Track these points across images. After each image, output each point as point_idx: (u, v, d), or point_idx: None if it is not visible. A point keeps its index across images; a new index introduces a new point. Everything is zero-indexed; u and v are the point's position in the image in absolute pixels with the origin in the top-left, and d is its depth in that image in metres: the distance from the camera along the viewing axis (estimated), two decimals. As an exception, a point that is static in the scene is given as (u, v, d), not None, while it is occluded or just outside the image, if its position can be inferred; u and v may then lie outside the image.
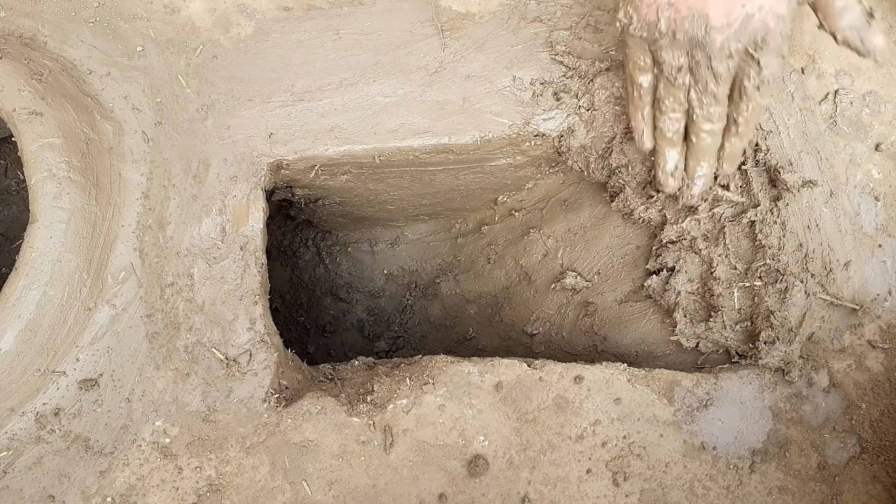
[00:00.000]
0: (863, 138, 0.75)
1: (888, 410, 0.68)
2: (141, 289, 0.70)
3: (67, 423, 0.66)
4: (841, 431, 0.68)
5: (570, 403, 0.68)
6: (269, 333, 0.70)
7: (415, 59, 0.78)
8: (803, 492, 0.66)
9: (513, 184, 0.91)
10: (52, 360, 0.66)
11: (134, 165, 0.73)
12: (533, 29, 0.79)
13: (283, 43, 0.78)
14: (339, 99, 0.77)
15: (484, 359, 0.71)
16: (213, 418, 0.67)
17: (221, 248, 0.72)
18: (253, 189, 0.73)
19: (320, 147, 0.76)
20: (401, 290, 1.14)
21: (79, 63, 0.75)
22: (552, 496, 0.66)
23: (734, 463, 0.67)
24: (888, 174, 0.74)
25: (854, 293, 0.70)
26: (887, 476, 0.67)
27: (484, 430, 0.68)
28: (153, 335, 0.69)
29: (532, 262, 0.93)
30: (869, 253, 0.72)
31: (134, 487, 0.65)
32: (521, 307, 0.93)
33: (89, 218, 0.68)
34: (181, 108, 0.75)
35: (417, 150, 0.77)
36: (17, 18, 0.76)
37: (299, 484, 0.66)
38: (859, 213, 0.72)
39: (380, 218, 1.04)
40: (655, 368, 0.71)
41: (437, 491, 0.66)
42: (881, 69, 0.77)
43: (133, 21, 0.77)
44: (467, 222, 1.05)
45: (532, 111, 0.77)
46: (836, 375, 0.69)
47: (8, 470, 0.65)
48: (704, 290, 0.75)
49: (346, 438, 0.67)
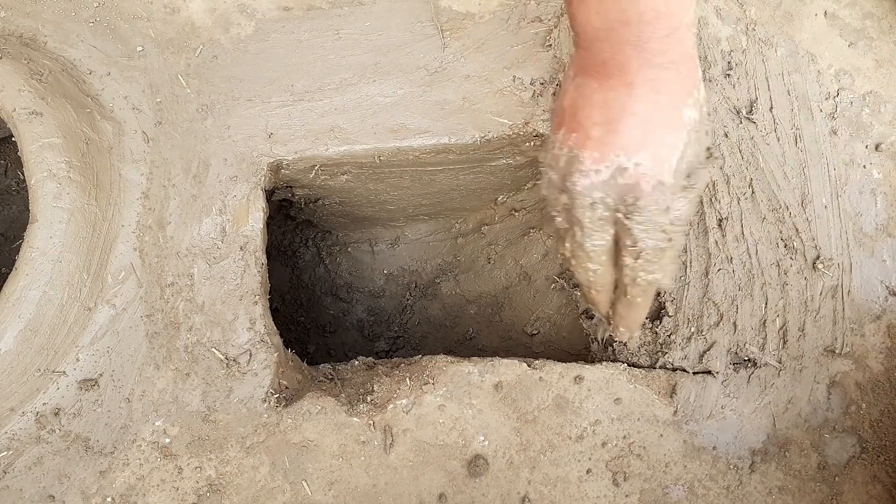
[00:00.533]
0: (863, 138, 0.75)
1: (888, 410, 0.68)
2: (141, 289, 0.70)
3: (67, 423, 0.66)
4: (841, 431, 0.68)
5: (570, 403, 0.68)
6: (269, 333, 0.70)
7: (415, 59, 0.78)
8: (803, 492, 0.66)
9: (513, 184, 0.91)
10: (52, 360, 0.66)
11: (134, 165, 0.73)
12: (533, 29, 0.79)
13: (283, 43, 0.78)
14: (339, 99, 0.77)
15: (484, 359, 0.71)
16: (213, 418, 0.67)
17: (221, 248, 0.72)
18: (253, 189, 0.73)
19: (320, 147, 0.76)
20: (401, 290, 1.14)
21: (79, 63, 0.75)
22: (552, 496, 0.66)
23: (734, 463, 0.67)
24: (888, 174, 0.74)
25: (854, 293, 0.70)
26: (887, 476, 0.67)
27: (484, 430, 0.68)
28: (153, 335, 0.69)
29: (532, 262, 0.93)
30: (869, 253, 0.72)
31: (134, 487, 0.65)
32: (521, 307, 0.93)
33: (89, 218, 0.68)
34: (181, 108, 0.75)
35: (417, 150, 0.77)
36: (17, 18, 0.76)
37: (299, 484, 0.66)
38: (860, 213, 0.73)
39: (380, 218, 1.04)
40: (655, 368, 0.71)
41: (437, 491, 0.66)
42: (881, 69, 0.77)
43: (133, 21, 0.77)
44: (467, 222, 1.05)
45: (532, 111, 0.77)
46: (836, 375, 0.69)
47: (8, 470, 0.65)
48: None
49: (346, 438, 0.67)
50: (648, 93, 0.53)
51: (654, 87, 0.53)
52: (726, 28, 0.78)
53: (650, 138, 0.54)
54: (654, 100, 0.53)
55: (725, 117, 0.76)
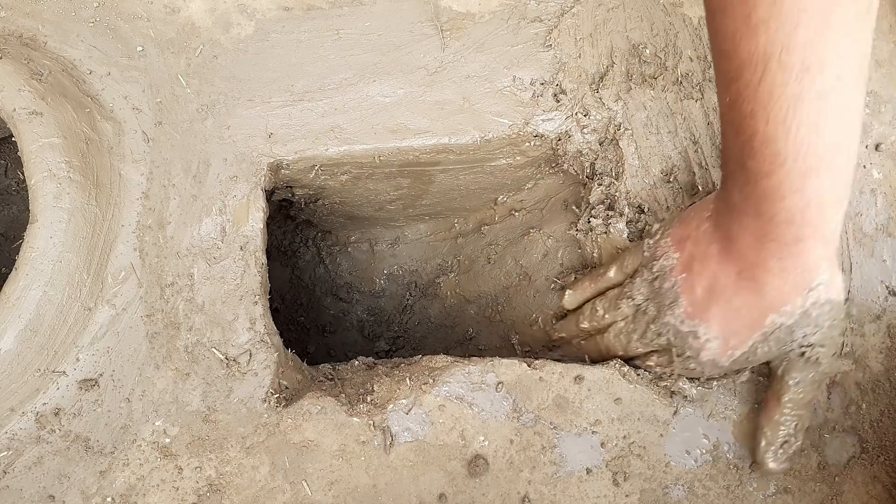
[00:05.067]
0: (863, 138, 0.75)
1: (888, 410, 0.68)
2: (141, 289, 0.70)
3: (67, 423, 0.66)
4: (841, 431, 0.68)
5: (570, 403, 0.68)
6: (269, 333, 0.70)
7: (415, 59, 0.78)
8: (803, 492, 0.66)
9: (513, 184, 0.91)
10: (52, 360, 0.66)
11: (134, 165, 0.73)
12: (533, 29, 0.79)
13: (283, 43, 0.78)
14: (339, 99, 0.77)
15: (484, 359, 0.71)
16: (213, 418, 0.67)
17: (221, 248, 0.72)
18: (253, 189, 0.73)
19: (320, 147, 0.76)
20: (401, 290, 1.14)
21: (79, 63, 0.75)
22: (552, 496, 0.66)
23: (734, 463, 0.67)
24: (888, 174, 0.74)
25: (854, 293, 0.70)
26: (887, 476, 0.67)
27: (484, 430, 0.68)
28: (153, 335, 0.69)
29: (532, 262, 0.93)
30: (869, 253, 0.72)
31: (134, 487, 0.65)
32: (521, 307, 0.93)
33: (89, 218, 0.68)
34: (181, 108, 0.75)
35: (417, 150, 0.77)
36: (17, 18, 0.76)
37: (299, 484, 0.66)
38: (860, 213, 0.73)
39: (380, 218, 1.04)
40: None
41: (437, 491, 0.66)
42: (881, 69, 0.77)
43: (133, 21, 0.77)
44: (467, 222, 1.05)
45: (532, 111, 0.77)
46: (836, 375, 0.69)
47: (8, 470, 0.65)
48: None
49: (346, 438, 0.67)
50: (749, 291, 0.57)
51: (756, 288, 0.57)
52: (726, 28, 0.78)
53: (729, 327, 0.59)
54: (748, 301, 0.58)
55: (725, 117, 0.76)
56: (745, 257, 0.57)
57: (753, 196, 0.53)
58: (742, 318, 0.58)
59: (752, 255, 0.56)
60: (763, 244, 0.55)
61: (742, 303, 0.58)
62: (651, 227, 0.71)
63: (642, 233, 0.74)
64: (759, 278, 0.56)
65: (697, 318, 0.61)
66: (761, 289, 0.56)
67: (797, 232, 0.52)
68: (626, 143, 0.76)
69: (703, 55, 0.78)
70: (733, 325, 0.59)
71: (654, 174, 0.75)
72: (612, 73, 0.78)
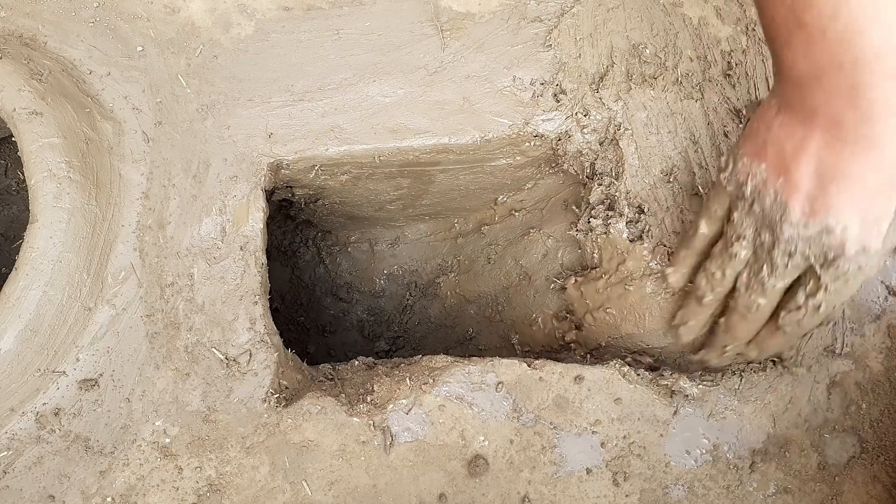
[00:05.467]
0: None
1: (888, 410, 0.68)
2: (141, 289, 0.70)
3: (67, 423, 0.66)
4: (841, 431, 0.68)
5: (570, 403, 0.68)
6: (269, 333, 0.70)
7: (415, 59, 0.78)
8: (803, 492, 0.66)
9: (513, 184, 0.91)
10: (52, 360, 0.66)
11: (134, 165, 0.73)
12: (533, 29, 0.79)
13: (283, 43, 0.78)
14: (339, 99, 0.77)
15: (484, 359, 0.71)
16: (213, 418, 0.67)
17: (221, 248, 0.72)
18: (253, 189, 0.73)
19: (320, 147, 0.76)
20: (401, 290, 1.14)
21: (79, 63, 0.75)
22: (552, 496, 0.66)
23: (734, 463, 0.67)
24: (888, 174, 0.74)
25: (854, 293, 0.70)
26: (887, 476, 0.67)
27: (484, 430, 0.68)
28: (153, 335, 0.69)
29: (532, 262, 0.93)
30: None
31: (134, 487, 0.65)
32: (521, 307, 0.93)
33: (89, 218, 0.68)
34: (181, 108, 0.75)
35: (417, 150, 0.77)
36: (17, 18, 0.76)
37: (299, 484, 0.66)
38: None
39: (380, 218, 1.04)
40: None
41: (437, 491, 0.66)
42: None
43: (133, 21, 0.77)
44: (467, 222, 1.05)
45: (532, 111, 0.77)
46: (836, 375, 0.69)
47: (8, 470, 0.65)
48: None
49: (346, 438, 0.67)
50: (863, 151, 0.50)
51: (870, 144, 0.50)
52: (726, 28, 0.79)
53: (861, 202, 0.52)
54: (868, 159, 0.50)
55: (725, 117, 0.76)
56: (844, 120, 0.50)
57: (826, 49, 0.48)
58: (870, 182, 0.51)
59: (850, 113, 0.49)
60: (859, 92, 0.48)
61: (861, 167, 0.50)
62: (720, 161, 0.64)
63: (642, 233, 0.74)
64: (869, 132, 0.49)
65: (821, 212, 0.53)
66: (877, 140, 0.49)
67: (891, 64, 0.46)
68: (626, 143, 0.76)
69: (703, 55, 0.78)
70: (864, 196, 0.51)
71: (654, 174, 0.75)
72: (612, 73, 0.78)
